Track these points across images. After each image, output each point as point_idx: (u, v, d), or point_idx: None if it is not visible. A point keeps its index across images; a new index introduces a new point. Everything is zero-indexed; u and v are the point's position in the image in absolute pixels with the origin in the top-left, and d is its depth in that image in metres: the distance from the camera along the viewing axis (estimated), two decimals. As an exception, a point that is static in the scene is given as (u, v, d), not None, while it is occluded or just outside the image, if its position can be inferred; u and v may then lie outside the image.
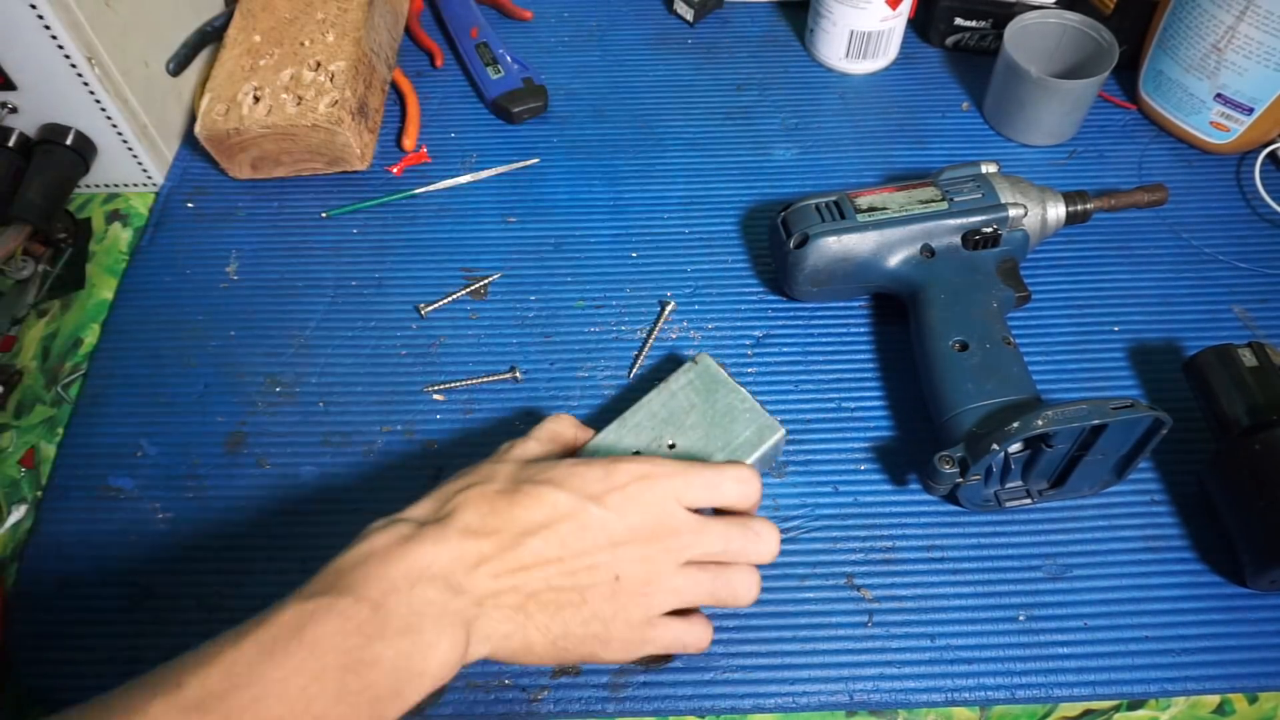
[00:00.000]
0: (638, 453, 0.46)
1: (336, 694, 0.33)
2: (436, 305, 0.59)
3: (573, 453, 0.45)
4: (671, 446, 0.46)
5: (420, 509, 0.38)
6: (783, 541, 0.49)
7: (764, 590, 0.48)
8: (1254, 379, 0.48)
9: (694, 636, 0.41)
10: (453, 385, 0.55)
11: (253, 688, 0.32)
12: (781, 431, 0.48)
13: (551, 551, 0.37)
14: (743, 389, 0.49)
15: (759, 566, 0.42)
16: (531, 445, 0.43)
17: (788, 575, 0.49)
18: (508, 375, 0.55)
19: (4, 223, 0.59)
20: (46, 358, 0.58)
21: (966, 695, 0.45)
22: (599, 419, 0.53)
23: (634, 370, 0.56)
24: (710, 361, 0.50)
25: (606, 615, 0.38)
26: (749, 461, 0.46)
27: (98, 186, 0.66)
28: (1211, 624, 0.47)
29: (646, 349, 0.56)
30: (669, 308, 0.58)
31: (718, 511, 0.43)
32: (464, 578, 0.36)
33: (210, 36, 0.68)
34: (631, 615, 0.38)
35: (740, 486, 0.41)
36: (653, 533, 0.38)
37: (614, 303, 0.59)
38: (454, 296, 0.59)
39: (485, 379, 0.55)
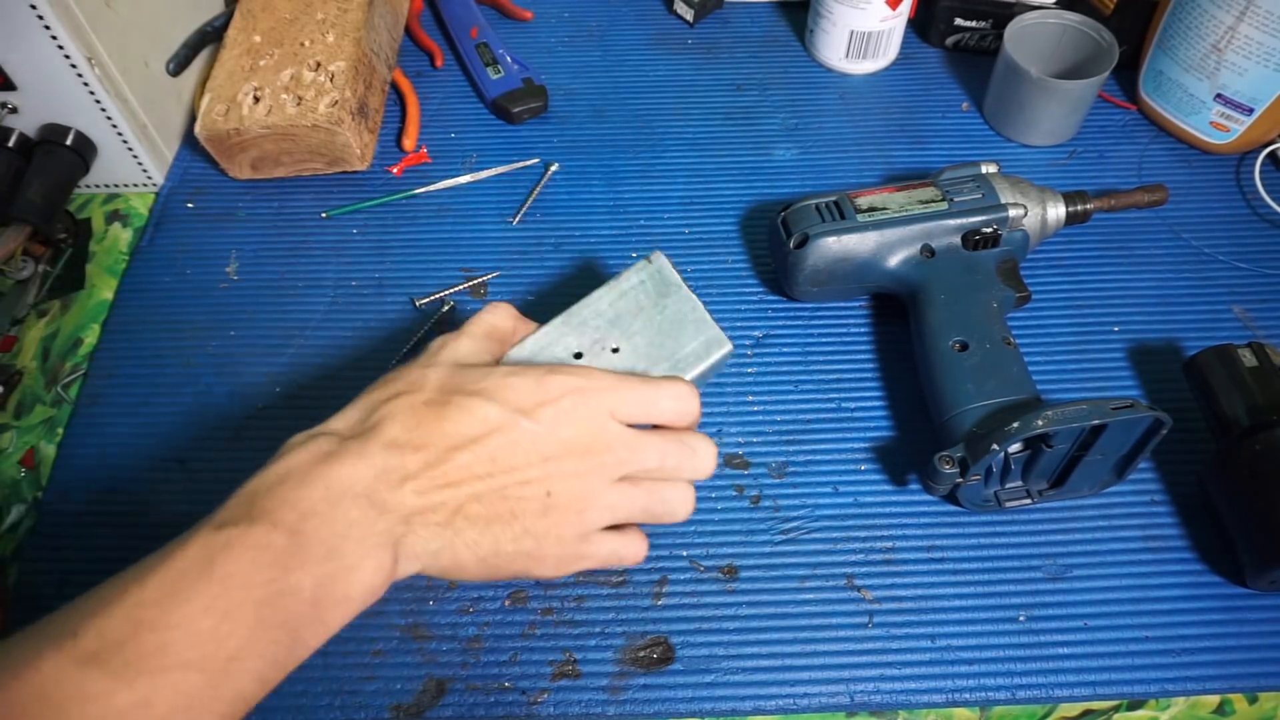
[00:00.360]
0: (578, 355, 0.43)
1: (251, 630, 0.31)
2: (428, 299, 0.59)
3: (511, 345, 0.43)
4: (615, 350, 0.44)
5: (344, 420, 0.36)
6: (783, 542, 0.49)
7: (764, 591, 0.48)
8: (1254, 379, 0.48)
9: (630, 550, 0.40)
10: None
11: (157, 632, 0.30)
12: (728, 346, 0.45)
13: (481, 467, 0.35)
14: (695, 296, 0.46)
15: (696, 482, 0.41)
16: (465, 344, 0.40)
17: (788, 576, 0.49)
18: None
19: (4, 223, 0.59)
20: (46, 358, 0.58)
21: (967, 696, 0.45)
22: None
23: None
24: (665, 262, 0.47)
25: (538, 532, 0.37)
26: (691, 376, 0.44)
27: (98, 187, 0.66)
28: (1211, 624, 0.47)
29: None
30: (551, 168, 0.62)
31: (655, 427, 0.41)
32: (389, 495, 0.34)
33: (210, 36, 0.68)
34: (564, 532, 0.37)
35: (677, 404, 0.39)
36: (586, 448, 0.37)
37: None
38: (441, 294, 0.59)
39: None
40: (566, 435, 0.37)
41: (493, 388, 0.37)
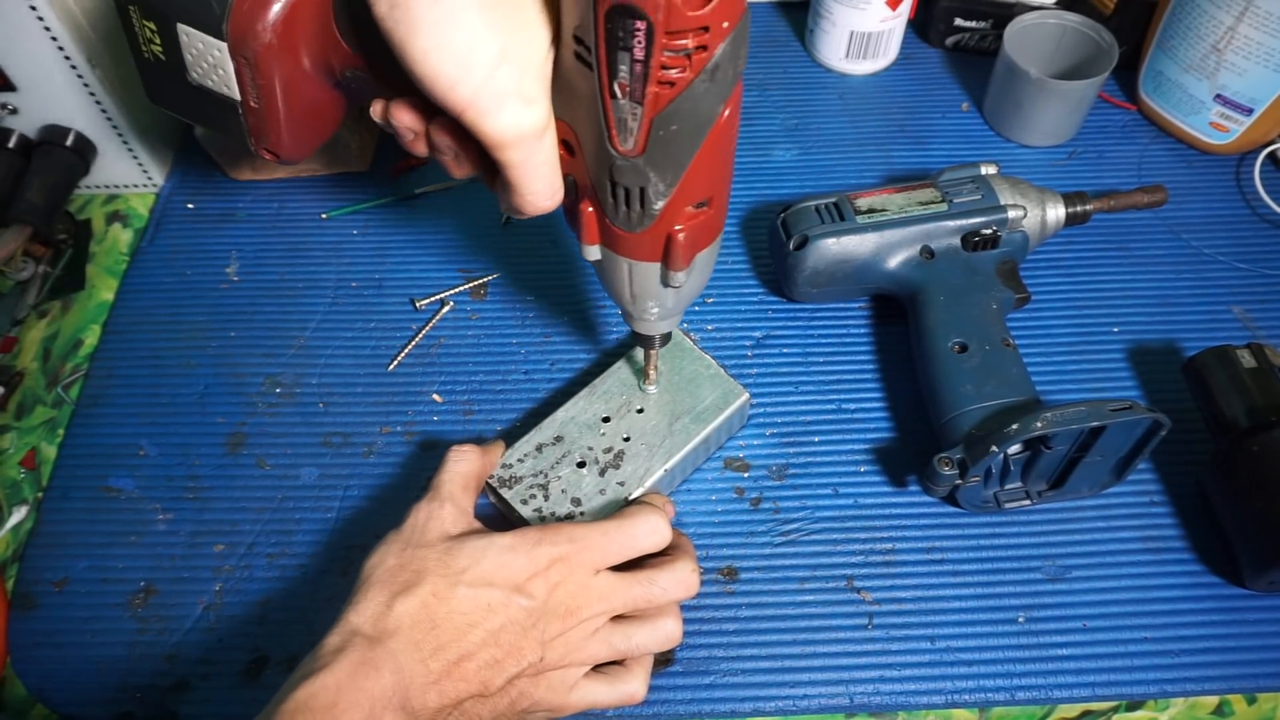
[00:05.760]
0: (606, 419, 0.50)
1: None
2: (429, 300, 0.59)
3: (488, 473, 0.48)
4: (640, 411, 0.50)
5: (363, 614, 0.39)
6: (783, 543, 0.50)
7: (764, 593, 0.48)
8: (1253, 380, 0.48)
9: (616, 697, 0.43)
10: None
11: None
12: (745, 395, 0.51)
13: (488, 655, 0.39)
14: (708, 356, 0.52)
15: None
16: (448, 511, 0.43)
17: (788, 578, 0.49)
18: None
19: (4, 224, 0.59)
20: (47, 359, 0.58)
21: (966, 697, 0.45)
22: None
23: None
24: (676, 331, 0.52)
25: (530, 691, 0.41)
26: (715, 425, 0.49)
27: (98, 187, 0.66)
28: (1210, 625, 0.47)
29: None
30: None
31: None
32: (418, 699, 0.37)
33: (210, 37, 0.68)
34: (553, 682, 0.41)
35: (653, 536, 0.43)
36: (569, 610, 0.41)
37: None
38: (441, 295, 0.60)
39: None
40: (554, 603, 0.41)
41: (491, 571, 0.40)
